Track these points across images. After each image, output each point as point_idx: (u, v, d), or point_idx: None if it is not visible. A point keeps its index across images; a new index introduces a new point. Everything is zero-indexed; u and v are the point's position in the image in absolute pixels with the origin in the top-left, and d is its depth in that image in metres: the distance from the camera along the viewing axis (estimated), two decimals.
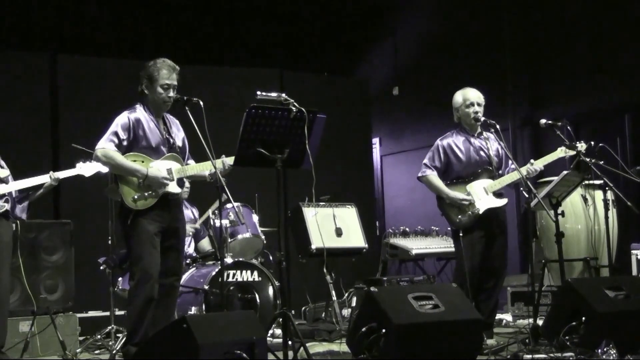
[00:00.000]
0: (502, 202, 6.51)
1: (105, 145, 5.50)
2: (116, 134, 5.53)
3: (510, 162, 6.67)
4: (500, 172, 6.59)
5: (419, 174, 6.64)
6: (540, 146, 9.59)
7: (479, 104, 6.54)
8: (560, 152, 6.63)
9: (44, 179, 6.08)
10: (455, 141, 6.61)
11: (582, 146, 6.39)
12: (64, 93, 8.94)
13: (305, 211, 7.59)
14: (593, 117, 9.43)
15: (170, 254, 5.64)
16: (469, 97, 6.56)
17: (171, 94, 5.60)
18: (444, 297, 5.10)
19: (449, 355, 4.98)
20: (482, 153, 6.59)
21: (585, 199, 7.83)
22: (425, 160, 6.65)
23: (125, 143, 5.54)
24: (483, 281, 6.45)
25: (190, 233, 7.64)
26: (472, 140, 6.61)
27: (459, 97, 6.61)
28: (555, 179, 6.33)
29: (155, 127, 5.65)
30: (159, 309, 5.52)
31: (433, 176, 6.56)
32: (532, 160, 6.51)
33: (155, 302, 5.50)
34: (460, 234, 6.39)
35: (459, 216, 6.44)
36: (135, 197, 5.50)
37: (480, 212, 6.40)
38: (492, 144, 6.64)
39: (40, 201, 7.95)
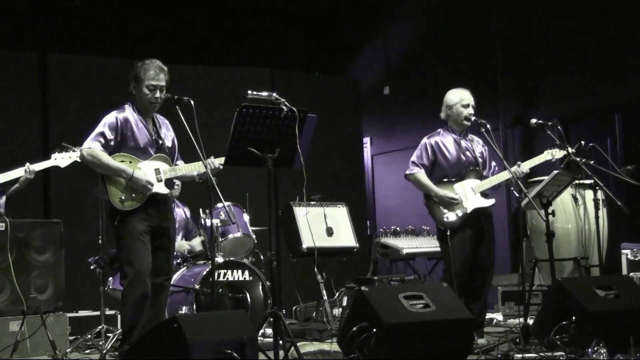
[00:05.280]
0: (490, 202, 6.53)
1: (92, 145, 5.49)
2: (103, 134, 5.51)
3: (493, 164, 6.71)
4: (484, 174, 6.61)
5: (407, 172, 6.65)
6: (530, 146, 9.61)
7: (472, 106, 6.57)
8: (547, 155, 6.67)
9: (20, 172, 6.06)
10: (443, 140, 6.62)
11: (570, 149, 6.41)
12: (54, 92, 8.90)
13: (296, 210, 7.59)
14: (583, 117, 9.45)
15: (160, 253, 5.62)
16: (465, 98, 6.58)
17: (158, 94, 5.57)
18: (435, 297, 5.11)
19: (440, 355, 4.98)
20: (468, 154, 6.61)
21: (575, 199, 7.85)
22: (413, 159, 6.65)
23: (112, 143, 5.53)
24: (472, 281, 6.46)
25: (185, 250, 7.59)
26: (459, 140, 6.63)
27: (454, 96, 6.61)
28: (546, 178, 6.34)
29: (143, 127, 5.63)
30: (149, 309, 5.51)
31: (421, 174, 6.57)
32: (519, 163, 6.53)
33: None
34: (448, 234, 6.40)
35: (447, 215, 6.45)
36: (122, 197, 5.49)
37: (469, 211, 6.42)
38: (476, 146, 6.67)
39: (30, 200, 7.98)
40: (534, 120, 6.42)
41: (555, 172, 6.31)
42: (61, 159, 6.28)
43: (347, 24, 12.11)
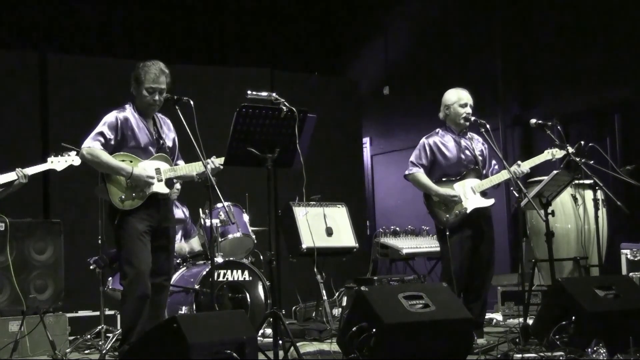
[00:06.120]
0: (490, 202, 6.53)
1: (92, 144, 5.49)
2: (102, 133, 5.51)
3: (493, 162, 6.71)
4: (484, 172, 6.62)
5: (406, 172, 6.67)
6: (530, 146, 9.60)
7: (470, 106, 6.58)
8: (547, 155, 6.67)
9: (11, 176, 6.05)
10: (442, 140, 6.64)
11: (570, 149, 6.41)
12: (53, 92, 8.90)
13: (296, 211, 7.59)
14: (583, 117, 9.44)
15: (160, 253, 5.62)
16: (463, 97, 6.59)
17: (157, 97, 5.56)
18: (435, 297, 5.11)
19: (440, 355, 4.98)
20: (467, 152, 6.62)
21: (575, 199, 7.85)
22: (412, 159, 6.66)
23: (112, 142, 5.52)
24: (471, 281, 6.47)
25: (185, 252, 7.57)
26: (459, 139, 6.64)
27: (452, 95, 6.63)
28: (546, 178, 6.35)
29: (144, 127, 5.63)
30: (149, 309, 5.51)
31: (420, 174, 6.58)
32: (519, 162, 6.53)
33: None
34: (447, 233, 6.40)
35: (447, 215, 6.45)
36: (123, 197, 5.49)
37: (468, 211, 6.42)
38: (475, 144, 6.67)
39: (30, 200, 7.97)
40: (533, 120, 6.42)
41: (555, 172, 6.31)
42: (57, 163, 6.27)
43: (347, 24, 12.10)
